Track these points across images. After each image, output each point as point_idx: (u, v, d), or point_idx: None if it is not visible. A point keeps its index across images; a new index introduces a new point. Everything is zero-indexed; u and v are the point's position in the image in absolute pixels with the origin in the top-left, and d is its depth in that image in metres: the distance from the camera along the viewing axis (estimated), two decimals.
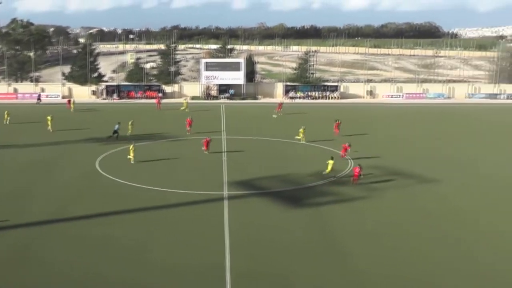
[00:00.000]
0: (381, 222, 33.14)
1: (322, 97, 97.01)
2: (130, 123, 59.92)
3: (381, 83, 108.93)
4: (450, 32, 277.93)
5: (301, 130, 56.65)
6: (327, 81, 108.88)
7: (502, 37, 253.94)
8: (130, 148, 47.41)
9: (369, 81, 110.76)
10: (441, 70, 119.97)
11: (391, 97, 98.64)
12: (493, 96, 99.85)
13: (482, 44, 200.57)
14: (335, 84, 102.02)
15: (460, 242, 30.07)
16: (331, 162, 43.47)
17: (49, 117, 62.28)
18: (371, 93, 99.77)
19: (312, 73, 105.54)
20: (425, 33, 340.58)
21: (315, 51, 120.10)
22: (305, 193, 39.00)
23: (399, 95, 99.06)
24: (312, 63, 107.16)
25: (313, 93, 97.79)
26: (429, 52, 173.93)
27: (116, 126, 57.80)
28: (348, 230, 31.83)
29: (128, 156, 47.18)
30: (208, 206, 36.24)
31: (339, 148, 50.83)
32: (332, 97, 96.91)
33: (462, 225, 32.96)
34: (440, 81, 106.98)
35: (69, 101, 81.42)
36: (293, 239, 30.23)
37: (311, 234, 31.13)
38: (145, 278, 25.38)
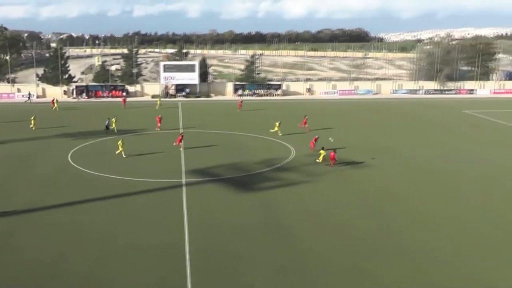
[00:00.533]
0: (321, 204, 33.52)
1: (267, 95, 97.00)
2: (114, 120, 58.76)
3: (318, 82, 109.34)
4: (376, 36, 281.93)
5: (276, 124, 56.38)
6: (271, 80, 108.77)
7: (420, 40, 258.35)
8: (119, 143, 45.80)
9: (308, 80, 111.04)
10: (369, 69, 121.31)
11: (327, 93, 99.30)
12: (414, 91, 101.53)
13: (403, 47, 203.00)
14: (278, 83, 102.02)
15: (391, 219, 30.71)
16: (322, 152, 43.38)
17: (32, 117, 60.36)
18: (309, 90, 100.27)
19: (258, 74, 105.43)
20: (356, 38, 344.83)
21: (260, 54, 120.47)
22: (255, 179, 39.07)
23: (334, 92, 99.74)
24: (258, 65, 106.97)
25: (259, 91, 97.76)
26: (359, 54, 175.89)
27: (107, 121, 57.38)
28: (291, 211, 32.11)
29: (117, 151, 45.55)
30: (168, 192, 35.99)
31: (294, 141, 51.05)
32: (276, 94, 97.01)
33: (392, 203, 33.66)
34: (368, 79, 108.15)
35: (53, 100, 79.31)
36: (244, 220, 30.33)
37: (260, 216, 31.28)
38: (111, 258, 25.22)
